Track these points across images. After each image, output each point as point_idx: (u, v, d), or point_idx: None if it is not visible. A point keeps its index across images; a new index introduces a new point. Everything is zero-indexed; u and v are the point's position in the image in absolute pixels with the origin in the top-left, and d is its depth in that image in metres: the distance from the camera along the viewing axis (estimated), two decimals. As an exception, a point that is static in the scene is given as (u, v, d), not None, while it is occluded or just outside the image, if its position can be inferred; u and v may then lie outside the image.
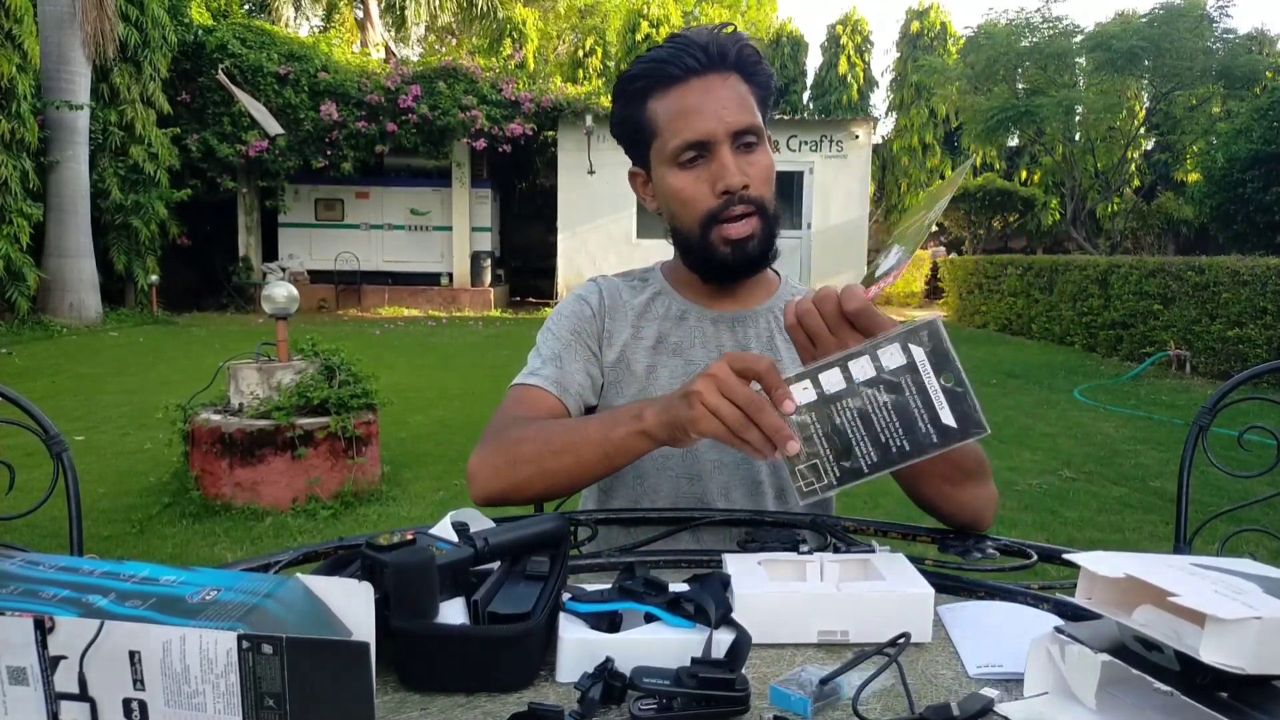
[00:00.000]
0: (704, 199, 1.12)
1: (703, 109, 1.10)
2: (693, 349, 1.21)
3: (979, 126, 14.08)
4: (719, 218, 1.12)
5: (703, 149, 1.11)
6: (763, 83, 1.15)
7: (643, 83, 1.13)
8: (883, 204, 18.98)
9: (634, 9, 18.64)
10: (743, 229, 1.12)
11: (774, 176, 1.16)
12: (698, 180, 1.12)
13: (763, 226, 1.14)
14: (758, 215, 1.13)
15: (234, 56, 13.29)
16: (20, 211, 10.46)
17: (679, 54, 1.11)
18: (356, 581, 0.58)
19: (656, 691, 0.63)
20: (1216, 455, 1.35)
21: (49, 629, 0.54)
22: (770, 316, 1.23)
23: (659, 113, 1.13)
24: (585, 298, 1.26)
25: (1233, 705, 0.54)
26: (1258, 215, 10.99)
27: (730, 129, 1.10)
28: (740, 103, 1.11)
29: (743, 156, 1.12)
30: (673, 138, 1.12)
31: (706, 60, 1.10)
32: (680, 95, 1.11)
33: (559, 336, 1.22)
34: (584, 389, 1.20)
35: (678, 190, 1.14)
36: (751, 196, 1.12)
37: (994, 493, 1.08)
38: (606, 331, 1.24)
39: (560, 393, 1.17)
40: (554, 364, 1.19)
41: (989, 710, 0.63)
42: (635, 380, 1.22)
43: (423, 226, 15.09)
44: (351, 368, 4.25)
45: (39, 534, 3.39)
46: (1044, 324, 11.20)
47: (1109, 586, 0.63)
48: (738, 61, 1.12)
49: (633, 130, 1.16)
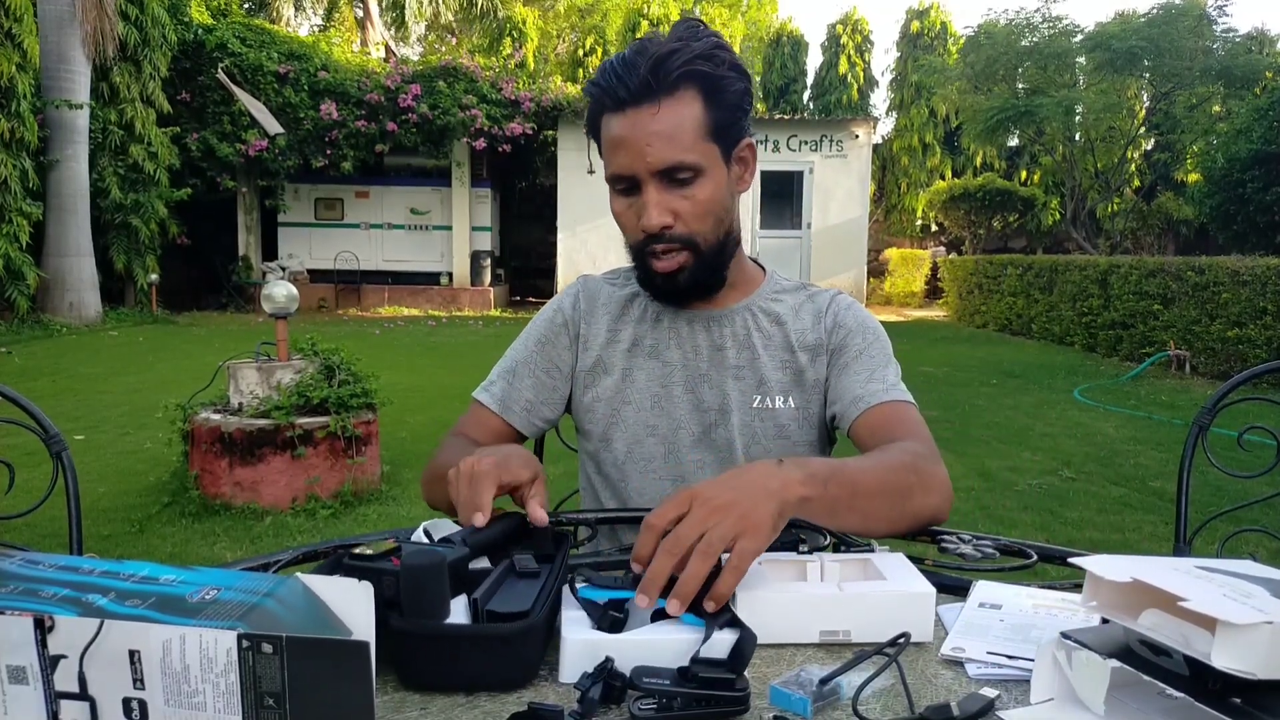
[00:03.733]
0: (632, 230, 1.12)
1: (626, 144, 1.06)
2: (668, 350, 1.21)
3: (979, 126, 14.09)
4: (644, 250, 1.12)
5: (630, 183, 1.09)
6: (728, 101, 1.08)
7: (595, 104, 1.11)
8: (883, 204, 18.98)
9: (634, 8, 18.65)
10: (667, 264, 1.12)
11: (718, 208, 1.11)
12: (629, 209, 1.12)
13: (694, 260, 1.12)
14: (686, 250, 1.11)
15: (234, 56, 13.29)
16: (20, 211, 10.46)
17: (615, 82, 1.06)
18: (356, 581, 0.58)
19: (656, 691, 0.63)
20: (1216, 455, 1.35)
21: (49, 628, 0.54)
22: (748, 314, 1.22)
23: (603, 134, 1.11)
24: (560, 305, 1.28)
25: (1246, 711, 0.54)
26: (1258, 215, 10.99)
27: (652, 169, 1.06)
28: (668, 137, 1.05)
29: (673, 192, 1.08)
30: (607, 165, 1.11)
31: (638, 88, 1.04)
32: (616, 123, 1.07)
33: (525, 346, 1.27)
34: (534, 404, 1.24)
35: (615, 214, 1.15)
36: (677, 234, 1.10)
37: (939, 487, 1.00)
38: (582, 336, 1.25)
39: (502, 410, 1.23)
40: (506, 379, 1.25)
41: (989, 710, 0.63)
42: (612, 383, 1.22)
43: (423, 226, 15.09)
44: (351, 367, 4.25)
45: (39, 533, 3.39)
46: (1044, 324, 11.20)
47: (1113, 590, 0.63)
48: (687, 80, 1.05)
49: (595, 138, 1.15)
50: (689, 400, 1.20)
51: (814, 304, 1.24)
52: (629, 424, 1.21)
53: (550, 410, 1.25)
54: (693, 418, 1.20)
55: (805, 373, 1.20)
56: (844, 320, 1.22)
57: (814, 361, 1.20)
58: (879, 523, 0.94)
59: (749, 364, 1.20)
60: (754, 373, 1.19)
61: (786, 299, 1.25)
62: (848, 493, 0.90)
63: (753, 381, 1.19)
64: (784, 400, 1.19)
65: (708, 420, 1.19)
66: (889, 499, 0.95)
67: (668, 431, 1.20)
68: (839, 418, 1.17)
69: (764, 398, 1.19)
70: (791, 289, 1.27)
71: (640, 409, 1.21)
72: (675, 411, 1.20)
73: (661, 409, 1.20)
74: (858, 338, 1.20)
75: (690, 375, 1.20)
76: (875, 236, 17.60)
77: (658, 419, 1.20)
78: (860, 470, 0.95)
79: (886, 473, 0.97)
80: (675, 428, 1.20)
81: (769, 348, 1.21)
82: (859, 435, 1.13)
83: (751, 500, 0.77)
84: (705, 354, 1.20)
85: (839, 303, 1.24)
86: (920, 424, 1.12)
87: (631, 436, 1.21)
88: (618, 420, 1.21)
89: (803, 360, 1.20)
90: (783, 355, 1.20)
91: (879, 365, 1.18)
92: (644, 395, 1.21)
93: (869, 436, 1.11)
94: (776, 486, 0.81)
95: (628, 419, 1.21)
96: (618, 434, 1.21)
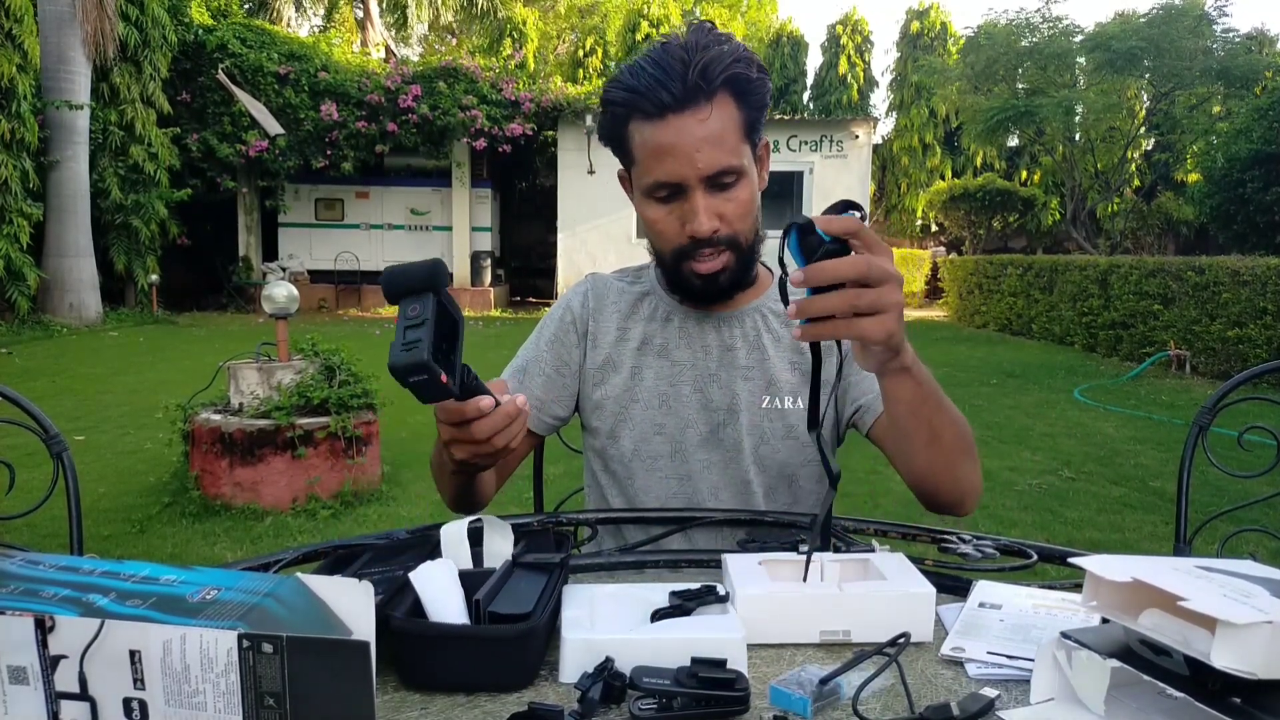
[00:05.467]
0: (674, 236, 1.12)
1: (675, 151, 1.05)
2: (678, 349, 1.21)
3: (979, 126, 14.10)
4: (688, 254, 1.12)
5: (675, 189, 1.09)
6: (756, 102, 1.09)
7: (623, 109, 1.09)
8: (883, 204, 18.99)
9: (634, 9, 18.66)
10: (713, 265, 1.12)
11: (755, 207, 1.13)
12: (669, 215, 1.11)
13: (736, 260, 1.13)
14: (730, 251, 1.12)
15: (234, 56, 13.29)
16: (20, 211, 10.47)
17: (656, 87, 1.04)
18: (356, 581, 0.58)
19: (656, 691, 0.63)
20: (1216, 455, 1.35)
21: (49, 628, 0.54)
22: (758, 315, 1.22)
23: (636, 142, 1.09)
24: (569, 303, 1.28)
25: (1246, 710, 0.54)
26: (1258, 215, 10.99)
27: (702, 175, 1.06)
28: (717, 141, 1.05)
29: (717, 196, 1.08)
30: (646, 174, 1.09)
31: (684, 95, 1.04)
32: (656, 131, 1.06)
33: (536, 345, 1.27)
34: (544, 402, 1.24)
35: (651, 221, 1.13)
36: (723, 237, 1.10)
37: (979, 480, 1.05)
38: (590, 334, 1.25)
39: None
40: (517, 378, 1.25)
41: (989, 710, 0.63)
42: (621, 381, 1.22)
43: (423, 226, 15.10)
44: (351, 367, 4.25)
45: (39, 534, 3.39)
46: (1044, 324, 11.20)
47: (1113, 590, 0.63)
48: (725, 84, 1.06)
49: (616, 146, 1.15)
50: (697, 400, 1.20)
51: None
52: (637, 422, 1.21)
53: (561, 408, 1.25)
54: (701, 417, 1.20)
55: None
56: None
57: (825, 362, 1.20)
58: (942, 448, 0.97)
59: (759, 364, 1.20)
60: (764, 373, 1.20)
61: None
62: (935, 399, 0.94)
63: (762, 382, 1.19)
64: (793, 401, 1.19)
65: (715, 420, 1.20)
66: (957, 441, 0.98)
67: (675, 430, 1.20)
68: (864, 410, 1.17)
69: (773, 398, 1.19)
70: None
71: (648, 407, 1.21)
72: (683, 411, 1.20)
73: (669, 408, 1.20)
74: None
75: (699, 375, 1.20)
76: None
77: (665, 418, 1.20)
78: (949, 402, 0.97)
79: (963, 424, 1.00)
80: (683, 427, 1.20)
81: (779, 348, 1.21)
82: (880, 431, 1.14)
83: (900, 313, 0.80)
84: (715, 354, 1.21)
85: None
86: None
87: (639, 435, 1.21)
88: (626, 418, 1.22)
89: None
90: (792, 356, 1.21)
91: None
92: (652, 394, 1.21)
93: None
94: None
95: (635, 417, 1.21)
96: (625, 432, 1.21)
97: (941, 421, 0.95)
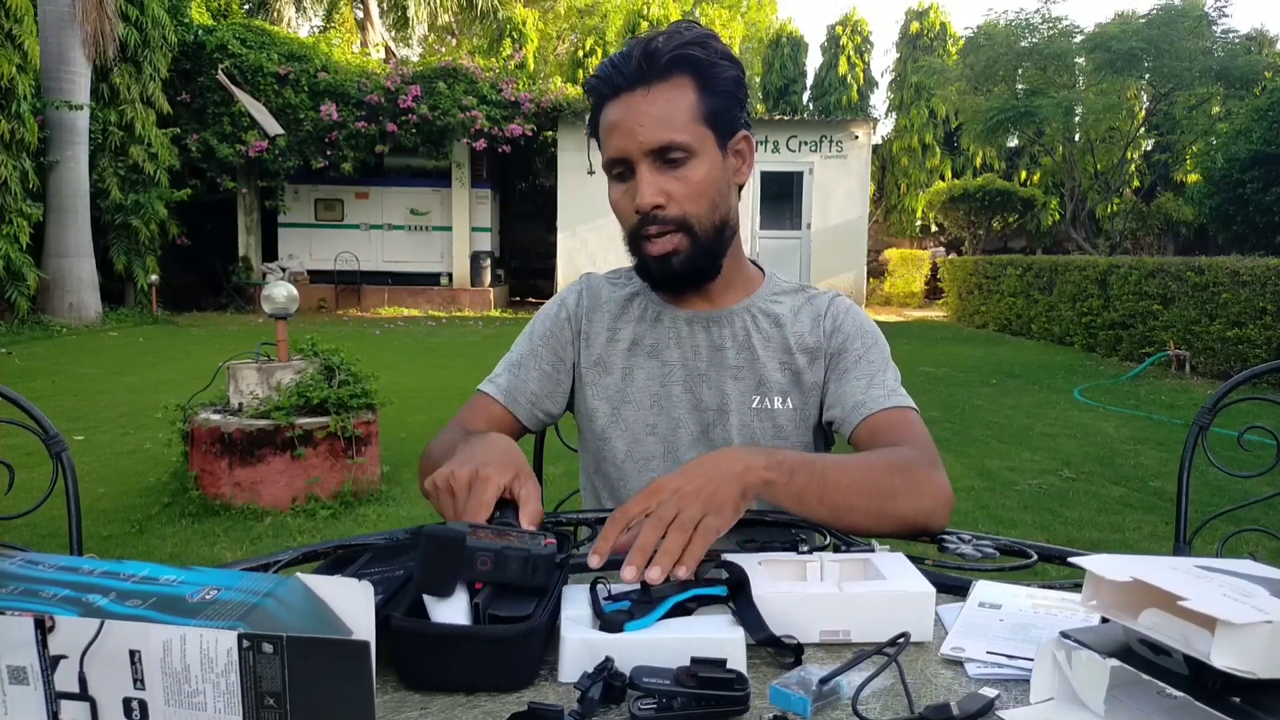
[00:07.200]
0: (628, 215, 1.14)
1: (620, 126, 1.10)
2: (668, 350, 1.22)
3: (979, 127, 14.09)
4: (639, 234, 1.13)
5: (625, 166, 1.12)
6: (721, 87, 1.11)
7: (593, 96, 1.15)
8: (882, 204, 18.99)
9: (634, 9, 18.66)
10: (661, 246, 1.12)
11: (713, 189, 1.12)
12: (624, 195, 1.13)
13: (689, 243, 1.12)
14: (680, 232, 1.12)
15: (234, 56, 13.29)
16: (20, 211, 10.47)
17: (611, 69, 1.11)
18: (356, 581, 0.58)
19: (656, 691, 0.63)
20: (1216, 455, 1.35)
21: (49, 628, 0.54)
22: (747, 315, 1.22)
23: (601, 124, 1.14)
24: (564, 299, 1.29)
25: (1246, 710, 0.54)
26: (1257, 215, 10.99)
27: (644, 148, 1.08)
28: (663, 118, 1.08)
29: (666, 173, 1.10)
30: (604, 152, 1.14)
31: (631, 73, 1.09)
32: (611, 110, 1.12)
33: (530, 340, 1.27)
34: (538, 396, 1.24)
35: (612, 202, 1.16)
36: (670, 216, 1.11)
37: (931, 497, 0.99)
38: (584, 333, 1.25)
39: (508, 402, 1.23)
40: (513, 371, 1.25)
41: (989, 710, 0.63)
42: (613, 382, 1.22)
43: (422, 226, 15.09)
44: (351, 368, 4.25)
45: (39, 534, 3.39)
46: (1044, 324, 11.21)
47: (1113, 590, 0.63)
48: (682, 66, 1.08)
49: (596, 135, 1.18)
50: (688, 400, 1.20)
51: (813, 306, 1.24)
52: (628, 423, 1.21)
53: (553, 404, 1.25)
54: (691, 417, 1.20)
55: (803, 374, 1.21)
56: (842, 324, 1.22)
57: (812, 364, 1.21)
58: (854, 518, 0.96)
59: (748, 364, 1.20)
60: (753, 373, 1.20)
61: (786, 300, 1.25)
62: (817, 484, 0.93)
63: (752, 382, 1.20)
64: (782, 401, 1.19)
65: (706, 420, 1.20)
66: (866, 497, 0.96)
67: (667, 431, 1.20)
68: (839, 423, 1.17)
69: (763, 398, 1.19)
70: (790, 290, 1.27)
71: (640, 408, 1.21)
72: (674, 411, 1.20)
73: (660, 408, 1.21)
74: (856, 342, 1.21)
75: (689, 375, 1.21)
76: (875, 237, 17.60)
77: (657, 418, 1.21)
78: (837, 466, 0.97)
79: (868, 471, 0.99)
80: (674, 427, 1.20)
81: (768, 349, 1.21)
82: (860, 442, 1.14)
83: (715, 483, 0.85)
84: (705, 354, 1.21)
85: (837, 305, 1.25)
86: (921, 429, 1.12)
87: (631, 436, 1.21)
88: (617, 419, 1.22)
89: (801, 362, 1.21)
90: (781, 356, 1.21)
91: (878, 370, 1.19)
92: (643, 394, 1.21)
93: (870, 443, 1.12)
94: (740, 469, 0.88)
95: (627, 418, 1.21)
96: (617, 433, 1.22)
97: (839, 503, 0.94)
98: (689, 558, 0.77)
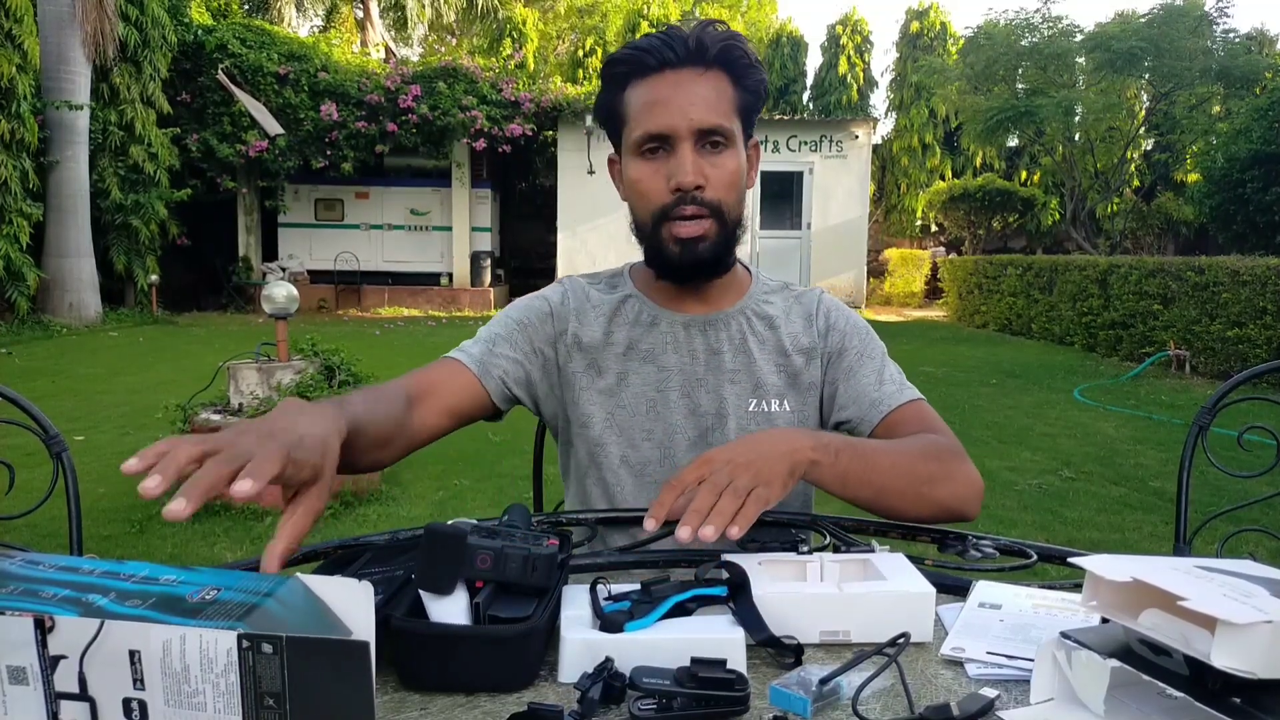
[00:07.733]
0: (658, 193, 1.11)
1: (669, 102, 1.08)
2: (665, 355, 1.20)
3: (979, 126, 14.08)
4: (670, 214, 1.11)
5: (664, 142, 1.10)
6: (751, 87, 1.13)
7: (623, 68, 1.12)
8: (882, 204, 18.98)
9: (634, 9, 18.65)
10: (692, 229, 1.11)
11: (741, 183, 1.14)
12: (655, 173, 1.11)
13: (718, 230, 1.12)
14: (712, 218, 1.11)
15: (234, 56, 13.28)
16: (20, 211, 10.46)
17: (660, 45, 1.09)
18: (356, 581, 0.58)
19: (656, 691, 0.63)
20: (1216, 455, 1.35)
21: (49, 628, 0.54)
22: (742, 318, 1.22)
23: (632, 100, 1.12)
24: (546, 296, 1.25)
25: (1246, 710, 0.54)
26: (1258, 215, 10.99)
27: (694, 126, 1.08)
28: (712, 102, 1.09)
29: (706, 157, 1.10)
30: (638, 127, 1.11)
31: (685, 53, 1.09)
32: (652, 85, 1.10)
33: (504, 324, 1.22)
34: (508, 376, 1.18)
35: (636, 180, 1.13)
36: (706, 199, 1.10)
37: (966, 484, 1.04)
38: (573, 334, 1.21)
39: (481, 374, 1.16)
40: (485, 344, 1.19)
41: (989, 710, 0.63)
42: (608, 386, 1.20)
43: (423, 226, 15.09)
44: (351, 368, 4.25)
45: (39, 534, 3.39)
46: (1044, 324, 11.20)
47: (1113, 590, 0.63)
48: (723, 60, 1.10)
49: (610, 115, 1.16)
50: (685, 405, 1.19)
51: (801, 305, 1.25)
52: (624, 428, 1.19)
53: (519, 390, 1.20)
54: (689, 422, 1.19)
55: (800, 375, 1.21)
56: (835, 322, 1.23)
57: (809, 365, 1.21)
58: (894, 501, 1.00)
59: (745, 368, 1.20)
60: (750, 376, 1.19)
61: (775, 300, 1.25)
62: (860, 466, 0.97)
63: (749, 385, 1.19)
64: (780, 403, 1.19)
65: (704, 425, 1.19)
66: (906, 480, 1.00)
67: (664, 436, 1.19)
68: (857, 422, 1.18)
69: (760, 401, 1.19)
70: (777, 289, 1.27)
71: (635, 413, 1.19)
72: (671, 416, 1.19)
73: (657, 414, 1.19)
74: (854, 340, 1.22)
75: (687, 380, 1.19)
76: (875, 237, 17.59)
77: (654, 424, 1.19)
78: (879, 450, 1.01)
79: (907, 456, 1.02)
80: (671, 432, 1.19)
81: (764, 351, 1.21)
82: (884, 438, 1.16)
83: (765, 459, 0.87)
84: (702, 358, 1.20)
85: (825, 303, 1.25)
86: (940, 419, 1.16)
87: (627, 441, 1.19)
88: (613, 424, 1.20)
89: (798, 363, 1.21)
90: (777, 358, 1.21)
91: (881, 365, 1.21)
92: (639, 400, 1.19)
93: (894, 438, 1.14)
94: (787, 449, 0.91)
95: (623, 423, 1.20)
96: (612, 437, 1.20)
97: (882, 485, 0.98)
98: (742, 519, 0.80)
